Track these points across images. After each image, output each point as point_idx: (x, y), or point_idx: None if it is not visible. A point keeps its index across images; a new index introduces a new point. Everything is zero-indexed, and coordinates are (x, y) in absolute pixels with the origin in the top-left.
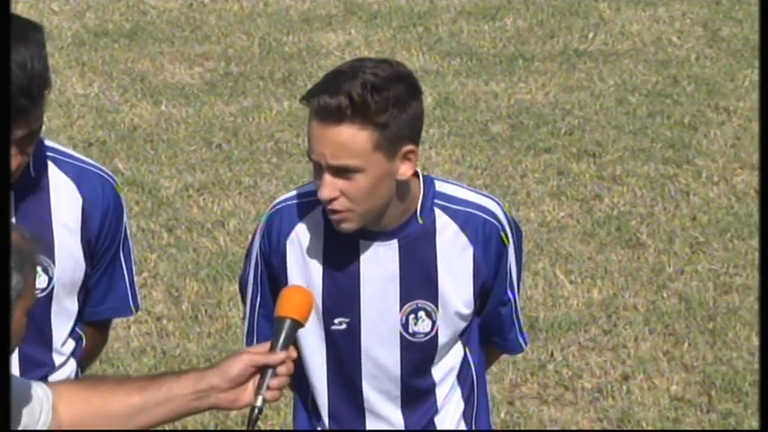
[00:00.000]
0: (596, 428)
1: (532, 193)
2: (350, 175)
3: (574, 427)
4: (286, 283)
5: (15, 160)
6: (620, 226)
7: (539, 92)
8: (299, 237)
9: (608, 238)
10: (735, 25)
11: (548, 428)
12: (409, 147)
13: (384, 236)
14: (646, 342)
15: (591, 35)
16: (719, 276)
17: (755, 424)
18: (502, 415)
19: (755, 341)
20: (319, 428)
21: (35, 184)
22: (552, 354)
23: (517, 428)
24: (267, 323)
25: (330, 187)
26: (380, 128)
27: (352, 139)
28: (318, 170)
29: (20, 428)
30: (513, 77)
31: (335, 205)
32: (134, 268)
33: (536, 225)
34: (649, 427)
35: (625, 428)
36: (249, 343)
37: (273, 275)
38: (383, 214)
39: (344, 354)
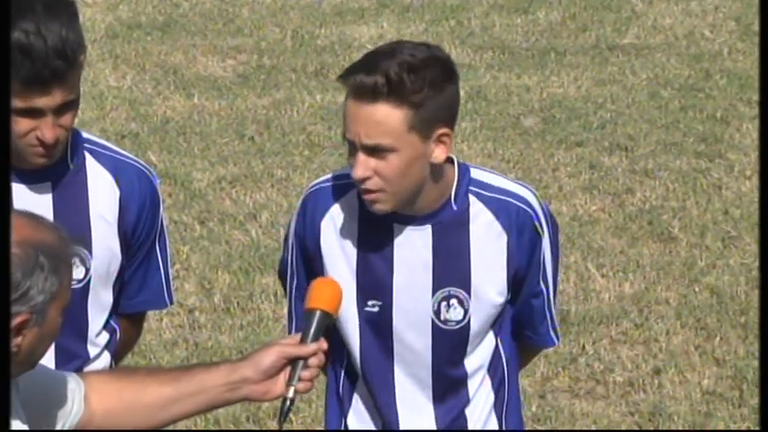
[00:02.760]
0: (627, 422)
1: (564, 187)
2: (384, 154)
3: (605, 421)
4: (321, 263)
5: (53, 132)
6: (651, 220)
7: (571, 85)
8: (334, 218)
9: (640, 231)
10: None
11: (579, 422)
12: (444, 130)
13: (418, 220)
14: (677, 336)
15: (623, 29)
16: (751, 270)
17: None
18: (533, 408)
19: None
20: (352, 413)
21: (73, 175)
22: (584, 347)
23: (548, 422)
24: (303, 306)
25: (363, 166)
26: (415, 107)
27: (386, 117)
28: (353, 149)
29: (51, 419)
30: (546, 71)
31: (368, 185)
32: (170, 261)
33: (568, 219)
34: (680, 422)
35: (656, 422)
36: (290, 327)
37: (309, 258)
38: (416, 197)
39: (377, 336)
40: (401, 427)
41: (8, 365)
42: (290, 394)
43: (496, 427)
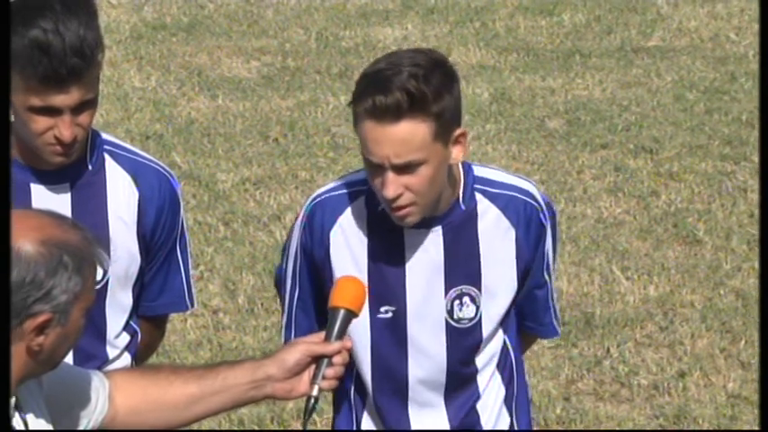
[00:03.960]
0: (652, 425)
1: (589, 189)
2: (414, 169)
3: (630, 424)
4: (330, 273)
5: (71, 130)
6: (677, 222)
7: (596, 88)
8: (344, 228)
9: (665, 234)
10: None
11: (603, 425)
12: (459, 129)
13: (428, 223)
14: (702, 339)
15: (648, 31)
16: None
17: None
18: (558, 411)
19: None
20: (365, 418)
21: (92, 176)
22: (608, 350)
23: (573, 424)
24: (305, 316)
25: (395, 185)
26: (436, 117)
27: (413, 133)
28: (378, 170)
29: (75, 417)
30: (570, 73)
31: (401, 201)
32: (191, 264)
33: (592, 221)
34: (705, 425)
35: (681, 426)
36: (287, 337)
37: (315, 268)
38: (439, 202)
39: (391, 342)
40: (412, 426)
41: (8, 365)
42: (315, 392)
43: (508, 421)
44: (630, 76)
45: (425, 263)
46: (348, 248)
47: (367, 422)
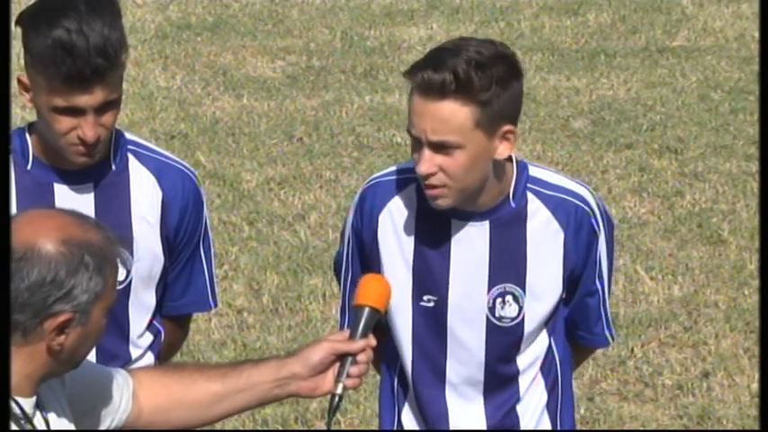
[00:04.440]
0: (676, 425)
1: (613, 189)
2: (449, 150)
3: (654, 424)
4: (378, 257)
5: (94, 131)
6: (701, 222)
7: (620, 88)
8: (392, 212)
9: (689, 234)
10: None
11: (627, 425)
12: (509, 127)
13: (476, 216)
14: (726, 339)
15: (673, 31)
16: None
17: None
18: (582, 411)
19: None
20: (406, 408)
21: (116, 176)
22: (632, 350)
23: (597, 424)
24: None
25: (429, 162)
26: (482, 105)
27: (453, 114)
28: (417, 145)
29: (98, 416)
30: (595, 73)
31: (433, 180)
32: (214, 264)
33: (617, 221)
34: (729, 425)
35: (705, 426)
36: (342, 322)
37: (365, 252)
38: (479, 194)
39: (431, 331)
40: (450, 422)
41: (8, 365)
42: (339, 390)
43: (549, 428)
44: (655, 76)
45: (470, 256)
46: (395, 233)
47: (407, 414)
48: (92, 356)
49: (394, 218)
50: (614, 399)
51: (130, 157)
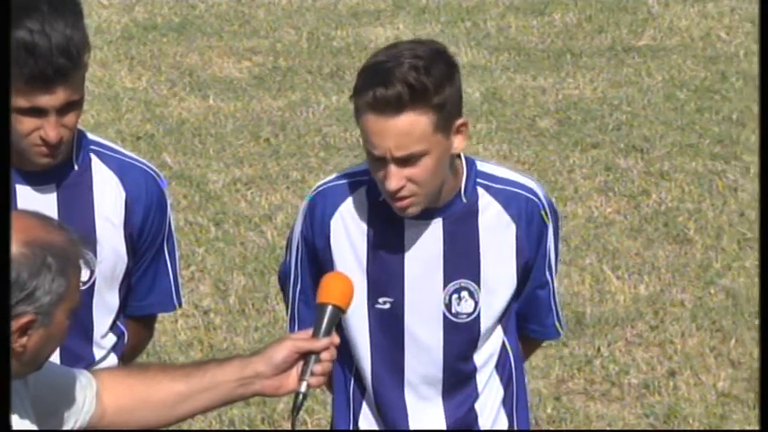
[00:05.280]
0: (643, 424)
1: (580, 189)
2: (416, 161)
3: (620, 423)
4: (331, 263)
5: (57, 131)
6: (667, 222)
7: (587, 87)
8: (344, 217)
9: (655, 233)
10: None
11: (594, 424)
12: (460, 120)
13: (429, 215)
14: (693, 338)
15: (639, 30)
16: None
17: None
18: (548, 410)
19: None
20: (363, 410)
21: (78, 177)
22: (599, 349)
23: (564, 424)
24: (307, 309)
25: (397, 177)
26: (438, 108)
27: (414, 125)
28: (381, 163)
29: (62, 417)
30: (561, 73)
31: (403, 193)
32: (179, 264)
33: (583, 221)
34: (696, 424)
35: (671, 425)
36: (292, 330)
37: (317, 259)
38: (439, 193)
39: (388, 333)
40: (410, 423)
41: (8, 365)
42: (303, 389)
43: (506, 423)
44: (621, 76)
45: (424, 254)
46: (348, 238)
47: (365, 415)
48: (55, 357)
49: (346, 222)
50: (581, 398)
51: (93, 157)
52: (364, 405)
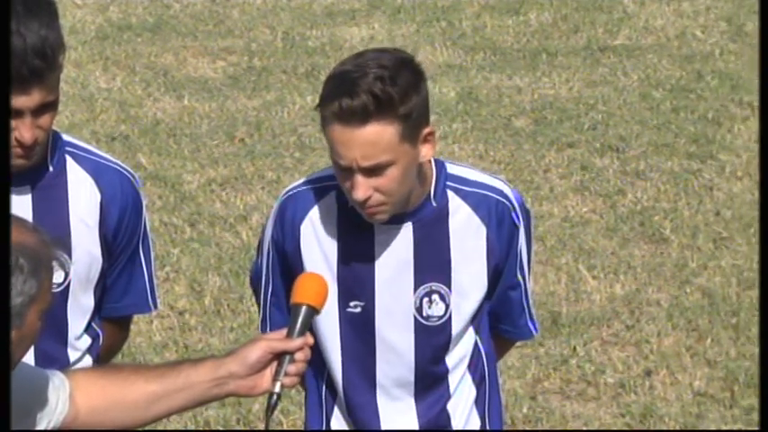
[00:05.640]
0: (619, 424)
1: (555, 188)
2: (383, 170)
3: (596, 423)
4: (301, 267)
5: (32, 132)
6: (643, 221)
7: (562, 87)
8: (314, 222)
9: (631, 233)
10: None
11: (570, 424)
12: (428, 128)
13: (398, 218)
14: (669, 337)
15: (615, 30)
16: (743, 272)
17: None
18: (524, 410)
19: None
20: (335, 414)
21: (53, 178)
22: (575, 349)
23: (540, 423)
24: (279, 312)
25: (365, 187)
26: (404, 118)
27: (380, 135)
28: (347, 173)
29: (35, 418)
30: (537, 72)
31: (371, 202)
32: (154, 265)
33: (559, 220)
34: (672, 423)
35: (647, 424)
36: (264, 332)
37: (287, 263)
38: (408, 199)
39: (359, 337)
40: (382, 424)
41: (8, 365)
42: (277, 389)
43: (478, 423)
44: (597, 75)
45: (395, 258)
46: (318, 242)
47: (337, 419)
48: (30, 359)
49: (316, 227)
50: (557, 398)
51: (68, 158)
52: (336, 407)
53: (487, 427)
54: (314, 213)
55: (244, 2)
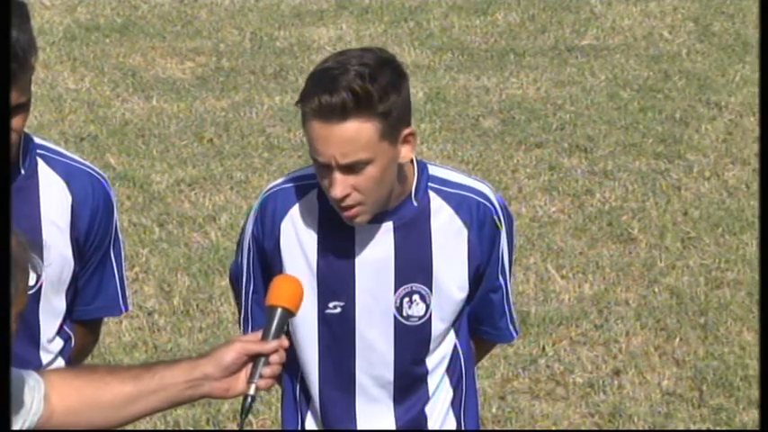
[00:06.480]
0: (587, 423)
1: (524, 188)
2: (361, 168)
3: (565, 422)
4: (281, 266)
5: None
6: (611, 221)
7: (530, 87)
8: (294, 219)
9: (599, 232)
10: (726, 20)
11: (539, 423)
12: (408, 129)
13: (379, 218)
14: (637, 337)
15: (582, 30)
16: (711, 271)
17: (747, 419)
18: (493, 410)
19: (747, 336)
20: (309, 417)
21: (24, 181)
22: (544, 348)
23: (509, 423)
24: (260, 309)
25: (342, 185)
26: (383, 116)
27: (358, 133)
28: (326, 171)
29: (10, 418)
30: (505, 72)
31: (348, 201)
32: (125, 267)
33: (527, 220)
34: (641, 423)
35: (616, 423)
36: (245, 331)
37: (266, 261)
38: (387, 199)
39: (338, 338)
40: (359, 426)
41: (8, 365)
42: (252, 391)
43: (454, 424)
44: (564, 75)
45: (375, 258)
46: (298, 241)
47: (311, 421)
48: None
49: (296, 225)
50: (526, 397)
51: (39, 161)
52: (311, 409)
53: (463, 428)
54: (294, 211)
55: (212, 2)
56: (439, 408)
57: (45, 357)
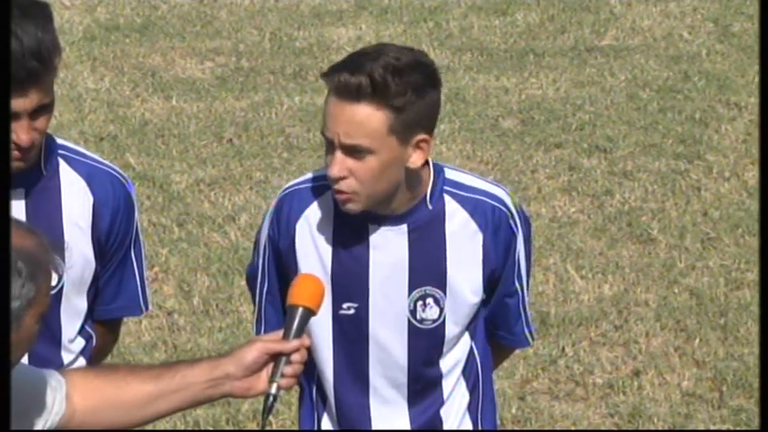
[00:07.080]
0: (607, 424)
1: (543, 189)
2: (361, 155)
3: (585, 423)
4: (296, 266)
5: (28, 135)
6: (631, 221)
7: (549, 87)
8: (309, 220)
9: (619, 233)
10: (746, 21)
11: (559, 424)
12: (423, 136)
13: (393, 220)
14: (657, 338)
15: (602, 30)
16: (731, 272)
17: None
18: (513, 410)
19: None
20: (326, 417)
21: (47, 182)
22: (563, 349)
23: (528, 423)
24: (273, 311)
25: (340, 165)
26: (396, 111)
27: (367, 118)
28: (330, 147)
29: (31, 419)
30: (524, 73)
31: (342, 186)
32: (145, 267)
33: (547, 220)
34: (660, 423)
35: (636, 424)
36: (258, 331)
37: (281, 261)
38: (391, 199)
39: (352, 339)
40: (373, 425)
41: (8, 365)
42: (273, 390)
43: (470, 429)
44: (584, 76)
45: (389, 260)
46: (313, 242)
47: (328, 421)
48: (24, 361)
49: (311, 226)
50: (545, 398)
51: (61, 161)
52: (327, 409)
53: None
54: (310, 212)
55: (231, 3)
56: (455, 411)
57: (66, 357)
